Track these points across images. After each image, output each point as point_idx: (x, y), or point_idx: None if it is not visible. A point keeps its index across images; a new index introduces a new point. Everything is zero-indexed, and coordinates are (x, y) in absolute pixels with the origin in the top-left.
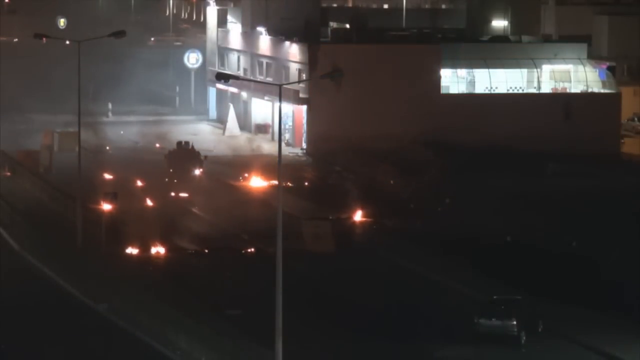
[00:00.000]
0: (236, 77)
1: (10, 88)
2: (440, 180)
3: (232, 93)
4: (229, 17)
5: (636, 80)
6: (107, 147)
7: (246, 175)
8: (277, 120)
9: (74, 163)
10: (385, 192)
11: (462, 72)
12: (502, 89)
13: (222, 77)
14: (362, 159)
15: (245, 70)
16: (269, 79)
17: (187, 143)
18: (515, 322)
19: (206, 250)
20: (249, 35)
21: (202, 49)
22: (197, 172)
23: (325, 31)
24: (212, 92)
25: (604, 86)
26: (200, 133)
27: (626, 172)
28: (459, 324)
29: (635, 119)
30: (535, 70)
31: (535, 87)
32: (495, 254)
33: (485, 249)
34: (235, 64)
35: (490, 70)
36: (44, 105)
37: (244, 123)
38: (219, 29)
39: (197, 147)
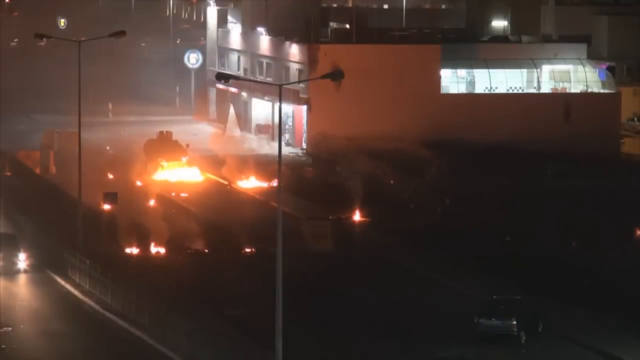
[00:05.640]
0: (236, 77)
1: (11, 88)
2: (440, 180)
3: (232, 93)
4: (229, 17)
5: (636, 80)
6: (107, 147)
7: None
8: (277, 120)
9: (74, 163)
10: (385, 192)
11: (462, 72)
12: (502, 89)
13: (222, 77)
14: (362, 159)
15: (245, 70)
16: (269, 79)
17: (168, 133)
18: (515, 322)
19: (206, 250)
20: (249, 35)
21: (202, 49)
22: (184, 159)
23: (325, 31)
24: (212, 92)
25: (603, 86)
26: (200, 133)
27: (626, 172)
28: (459, 324)
29: (635, 119)
30: (535, 70)
31: (535, 87)
32: (495, 254)
33: (485, 249)
34: (235, 64)
35: (490, 70)
36: (44, 105)
37: (244, 123)
38: (219, 29)
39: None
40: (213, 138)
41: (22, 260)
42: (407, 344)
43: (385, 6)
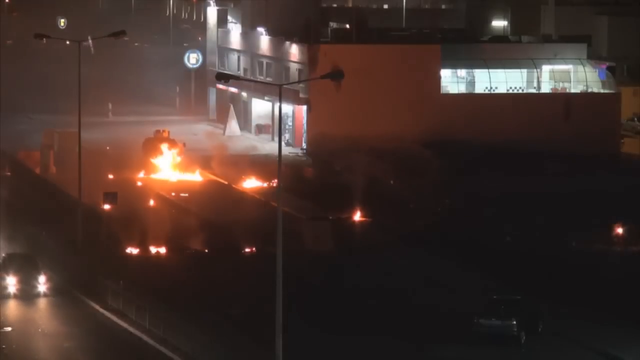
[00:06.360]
0: (236, 77)
1: (11, 88)
2: (440, 180)
3: (232, 93)
4: (229, 17)
5: (636, 80)
6: (107, 147)
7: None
8: (277, 120)
9: (74, 163)
10: (385, 192)
11: (462, 72)
12: (502, 89)
13: (222, 77)
14: (362, 159)
15: (245, 70)
16: (269, 79)
17: (165, 131)
18: (515, 322)
19: (206, 250)
20: (249, 35)
21: (202, 49)
22: (179, 158)
23: (325, 31)
24: (212, 92)
25: (603, 86)
26: (200, 133)
27: (626, 172)
28: (459, 324)
29: (635, 119)
30: (535, 70)
31: (535, 87)
32: (495, 254)
33: (484, 249)
34: (235, 64)
35: (490, 70)
36: (44, 105)
37: (244, 123)
38: (219, 29)
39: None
40: (212, 137)
41: (42, 283)
42: (407, 344)
43: (385, 6)
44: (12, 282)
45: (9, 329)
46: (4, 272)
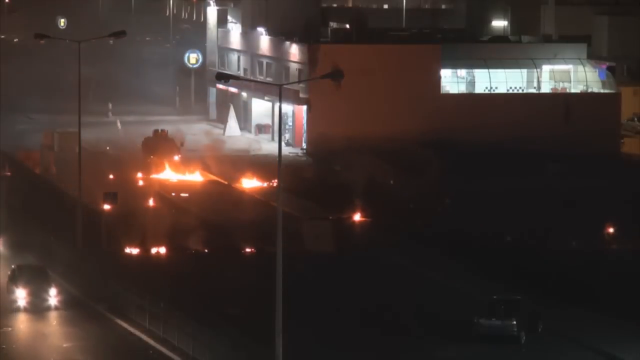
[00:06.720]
0: (236, 77)
1: (10, 88)
2: (440, 180)
3: (232, 93)
4: (229, 17)
5: (636, 80)
6: (107, 147)
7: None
8: (277, 120)
9: (74, 163)
10: (385, 192)
11: (462, 72)
12: (502, 89)
13: (222, 77)
14: (362, 159)
15: (245, 70)
16: (269, 79)
17: (163, 131)
18: (515, 322)
19: (206, 250)
20: (249, 35)
21: (202, 49)
22: (176, 158)
23: (325, 31)
24: (212, 92)
25: (603, 86)
26: (199, 133)
27: (626, 172)
28: (459, 324)
29: (635, 119)
30: (535, 70)
31: (535, 87)
32: (495, 254)
33: (484, 249)
34: (235, 64)
35: (490, 70)
36: (44, 105)
37: (244, 123)
38: (219, 29)
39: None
40: (211, 137)
41: (53, 296)
42: (407, 344)
43: (385, 6)
44: (22, 295)
45: (9, 329)
46: (14, 284)
